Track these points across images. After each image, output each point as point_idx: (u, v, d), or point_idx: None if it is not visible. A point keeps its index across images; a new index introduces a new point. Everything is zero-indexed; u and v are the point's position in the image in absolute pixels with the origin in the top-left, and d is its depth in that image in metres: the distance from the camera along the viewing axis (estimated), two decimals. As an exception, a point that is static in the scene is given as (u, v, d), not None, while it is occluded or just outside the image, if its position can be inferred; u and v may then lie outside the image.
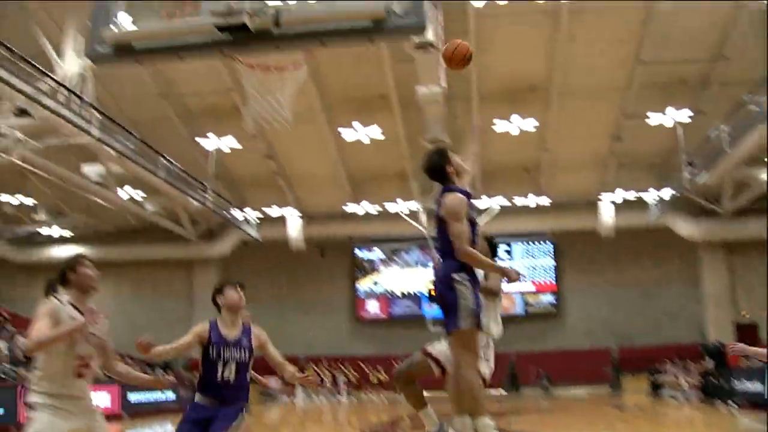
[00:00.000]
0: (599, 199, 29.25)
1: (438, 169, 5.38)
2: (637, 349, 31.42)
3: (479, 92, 23.24)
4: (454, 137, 23.25)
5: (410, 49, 16.11)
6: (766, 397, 17.91)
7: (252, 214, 29.93)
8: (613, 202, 29.04)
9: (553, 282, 33.86)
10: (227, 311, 5.70)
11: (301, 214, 30.45)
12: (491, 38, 21.13)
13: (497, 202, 27.73)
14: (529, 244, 33.98)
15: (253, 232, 30.16)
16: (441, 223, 5.24)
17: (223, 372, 5.38)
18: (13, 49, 15.81)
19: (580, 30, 20.62)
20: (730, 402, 19.90)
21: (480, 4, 17.66)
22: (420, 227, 28.41)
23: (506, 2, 17.59)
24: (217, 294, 5.74)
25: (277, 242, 31.37)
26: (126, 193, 25.01)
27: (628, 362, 31.10)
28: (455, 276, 5.15)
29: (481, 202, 27.79)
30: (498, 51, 21.65)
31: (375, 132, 23.40)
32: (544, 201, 28.43)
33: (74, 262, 5.01)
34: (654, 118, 23.20)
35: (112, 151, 20.01)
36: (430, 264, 33.54)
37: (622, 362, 31.12)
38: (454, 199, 5.27)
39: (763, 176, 23.50)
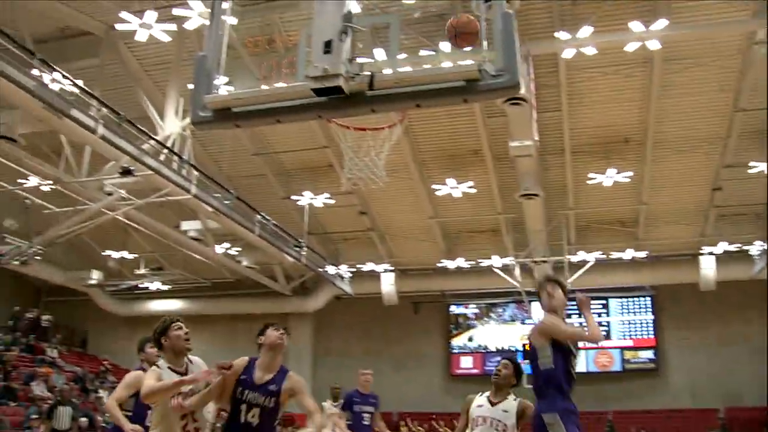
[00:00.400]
0: (700, 252, 28.27)
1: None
2: (747, 409, 29.97)
3: (572, 145, 23.06)
4: (547, 190, 23.09)
5: (502, 103, 16.19)
6: None
7: (345, 269, 30.16)
8: (714, 254, 28.01)
9: (652, 337, 32.84)
10: (266, 351, 5.51)
11: (394, 269, 30.53)
12: (583, 90, 21.01)
13: (593, 256, 27.21)
14: (626, 298, 33.18)
15: (347, 287, 30.41)
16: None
17: (246, 415, 5.25)
18: (119, 112, 16.56)
19: (675, 78, 20.28)
20: None
21: (569, 55, 17.58)
22: (514, 282, 28.09)
23: (596, 53, 17.43)
24: (259, 335, 5.61)
25: (370, 297, 31.48)
26: (222, 248, 25.60)
27: (737, 423, 29.70)
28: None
29: (576, 257, 27.32)
30: (590, 103, 21.50)
31: (468, 187, 23.39)
32: (642, 254, 27.72)
33: (165, 326, 5.29)
34: (756, 167, 22.44)
35: (209, 208, 20.58)
36: (526, 319, 33.11)
37: (729, 423, 29.76)
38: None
39: None
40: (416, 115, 20.98)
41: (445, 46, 16.71)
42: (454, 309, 34.74)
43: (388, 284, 30.68)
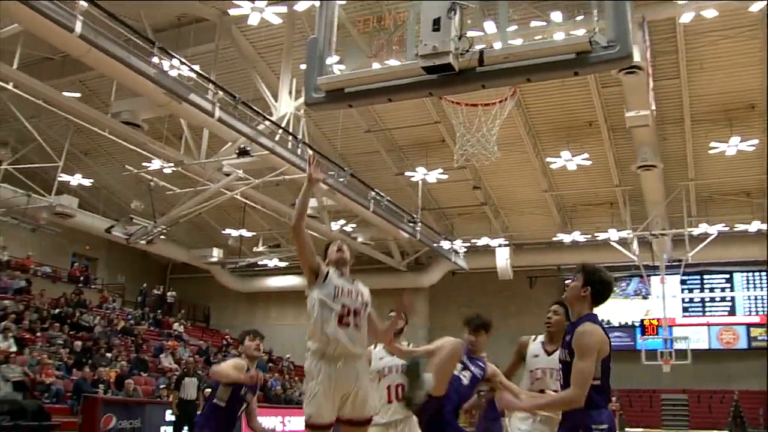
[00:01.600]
0: (831, 224, 26.88)
1: None
2: None
3: (692, 113, 22.28)
4: (665, 161, 22.42)
5: (617, 73, 15.80)
6: None
7: (460, 244, 30.15)
8: None
9: (786, 314, 31.49)
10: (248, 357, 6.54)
11: (509, 244, 30.34)
12: (703, 56, 20.22)
13: (715, 228, 26.26)
14: (752, 272, 31.92)
15: (461, 262, 30.39)
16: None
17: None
18: (235, 95, 17.05)
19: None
20: None
21: (687, 19, 16.97)
22: (632, 256, 27.43)
23: (716, 15, 16.76)
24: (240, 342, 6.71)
25: (485, 272, 31.39)
26: (337, 225, 26.04)
27: None
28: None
29: (698, 230, 26.44)
30: (711, 69, 20.67)
31: (583, 159, 22.95)
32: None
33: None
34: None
35: (324, 186, 20.95)
36: (649, 294, 32.39)
37: None
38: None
39: None
40: (529, 88, 20.71)
41: (556, 16, 16.47)
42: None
43: (503, 258, 30.50)
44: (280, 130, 18.71)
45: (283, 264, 31.79)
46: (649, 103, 17.75)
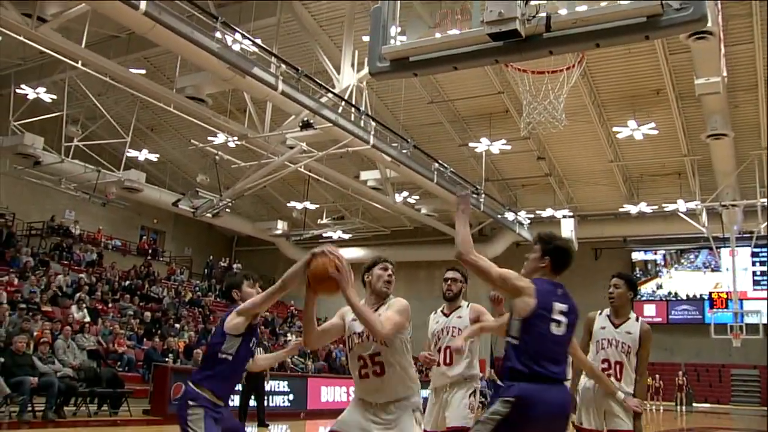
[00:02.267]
0: None
1: None
2: None
3: (766, 79, 21.56)
4: (737, 129, 21.79)
5: (686, 39, 15.36)
6: None
7: (524, 215, 29.90)
8: None
9: None
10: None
11: (573, 215, 29.96)
12: (780, 18, 19.53)
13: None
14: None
15: (525, 234, 30.13)
16: None
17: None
18: (298, 68, 17.09)
19: None
20: None
21: (765, -18, 16.42)
22: (701, 228, 26.81)
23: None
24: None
25: (552, 244, 31.07)
26: (401, 196, 26.03)
27: None
28: None
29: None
30: (788, 31, 19.97)
31: (650, 128, 22.45)
32: None
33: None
34: None
35: (387, 158, 20.93)
36: (719, 266, 31.75)
37: None
38: None
39: None
40: (593, 55, 20.29)
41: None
42: (636, 255, 33.83)
43: (567, 230, 30.07)
44: (343, 103, 18.72)
45: (347, 236, 31.96)
46: (720, 69, 17.19)
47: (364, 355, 4.57)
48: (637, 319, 5.98)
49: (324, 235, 31.63)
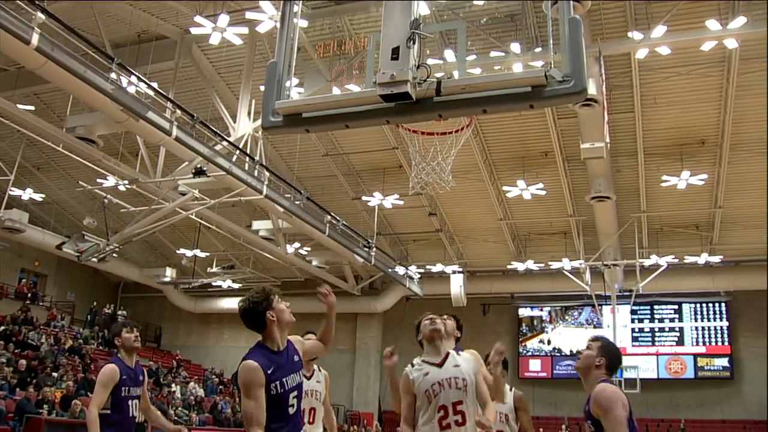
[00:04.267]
0: (778, 257, 27.47)
1: None
2: None
3: (645, 147, 22.69)
4: (619, 193, 22.77)
5: (573, 105, 16.05)
6: None
7: (414, 270, 30.25)
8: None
9: (727, 344, 32.10)
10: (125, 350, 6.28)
11: (463, 270, 30.50)
12: (657, 91, 20.62)
13: (666, 260, 26.71)
14: (700, 304, 32.51)
15: (416, 288, 30.48)
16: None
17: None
18: (193, 114, 16.97)
19: (754, 78, 19.74)
20: None
21: (642, 55, 17.33)
22: (584, 285, 27.76)
23: (670, 53, 17.12)
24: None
25: (440, 298, 31.45)
26: (293, 247, 25.95)
27: None
28: None
29: (649, 261, 26.88)
30: (664, 104, 21.09)
31: (538, 189, 23.22)
32: (717, 259, 27.03)
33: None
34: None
35: (280, 208, 20.89)
36: (601, 323, 32.74)
37: None
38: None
39: None
40: (486, 117, 20.94)
41: (515, 47, 16.69)
42: (523, 311, 34.60)
43: (457, 285, 30.65)
44: (238, 151, 18.65)
45: (236, 285, 31.58)
46: (603, 135, 18.03)
47: (446, 405, 4.77)
48: (510, 389, 6.39)
49: (213, 283, 31.17)
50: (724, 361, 32.03)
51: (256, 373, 3.83)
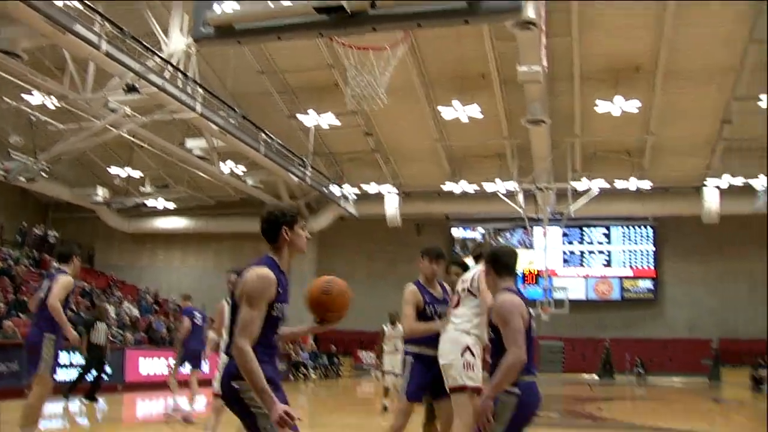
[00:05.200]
0: (704, 185, 28.24)
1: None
2: (740, 342, 30.49)
3: (581, 72, 22.83)
4: (554, 117, 22.94)
5: (511, 27, 15.97)
6: None
7: (350, 190, 30.24)
8: (719, 188, 27.89)
9: (653, 268, 33.18)
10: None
11: (398, 191, 30.62)
12: (595, 17, 20.70)
13: (597, 184, 27.23)
14: (628, 228, 33.41)
15: (351, 208, 30.53)
16: None
17: None
18: (124, 29, 16.42)
19: (691, 7, 19.94)
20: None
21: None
22: (517, 208, 28.16)
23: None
24: None
25: (374, 219, 31.65)
26: (227, 167, 25.66)
27: (730, 355, 30.23)
28: None
29: (581, 185, 27.37)
30: (602, 30, 21.19)
31: (474, 110, 23.23)
32: (646, 185, 27.64)
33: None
34: (766, 101, 22.09)
35: (214, 126, 20.57)
36: (533, 245, 33.36)
37: (723, 354, 30.24)
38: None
39: None
40: (423, 35, 20.76)
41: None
42: (457, 232, 35.04)
43: (392, 206, 30.83)
44: (170, 68, 18.19)
45: (171, 205, 31.21)
46: (541, 59, 18.03)
47: None
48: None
49: (147, 203, 30.74)
50: (648, 284, 33.21)
51: (271, 286, 3.69)
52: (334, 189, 29.04)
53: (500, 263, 4.45)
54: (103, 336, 14.35)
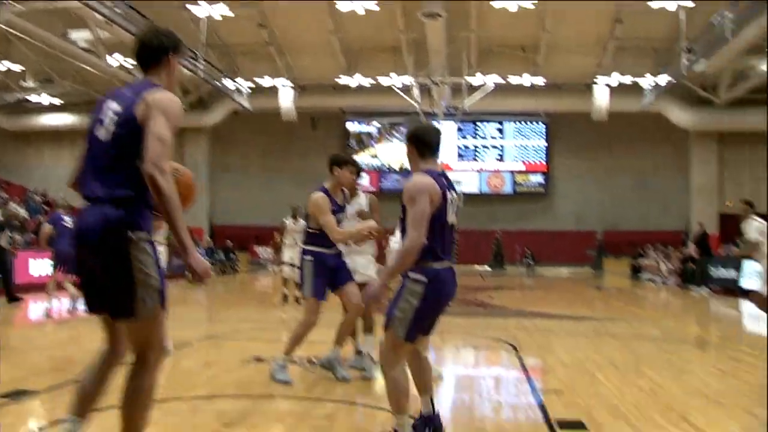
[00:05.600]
0: (594, 82, 28.86)
1: None
2: (622, 234, 31.95)
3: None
4: (450, 11, 22.74)
5: None
6: (738, 284, 18.35)
7: (244, 84, 29.54)
8: (609, 86, 28.60)
9: (544, 163, 34.03)
10: None
11: (293, 85, 30.09)
12: None
13: (491, 80, 27.42)
14: (521, 123, 34.00)
15: (245, 102, 29.88)
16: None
17: None
18: None
19: None
20: (705, 287, 20.23)
21: None
22: (413, 102, 28.17)
23: None
24: None
25: (269, 113, 31.13)
26: (116, 60, 24.59)
27: (612, 246, 31.65)
28: None
29: (476, 80, 27.49)
30: None
31: (370, 3, 22.78)
32: (540, 81, 28.02)
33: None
34: (656, 2, 22.44)
35: (99, 16, 19.56)
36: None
37: (606, 245, 31.59)
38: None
39: (763, 66, 23.09)
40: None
41: None
42: (352, 127, 34.90)
43: (287, 100, 30.33)
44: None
45: (57, 101, 29.84)
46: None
47: None
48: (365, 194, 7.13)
49: (30, 99, 29.30)
50: (539, 178, 34.15)
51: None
52: (228, 83, 28.30)
53: (422, 142, 4.26)
54: (5, 241, 14.09)
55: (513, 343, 8.77)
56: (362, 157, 34.60)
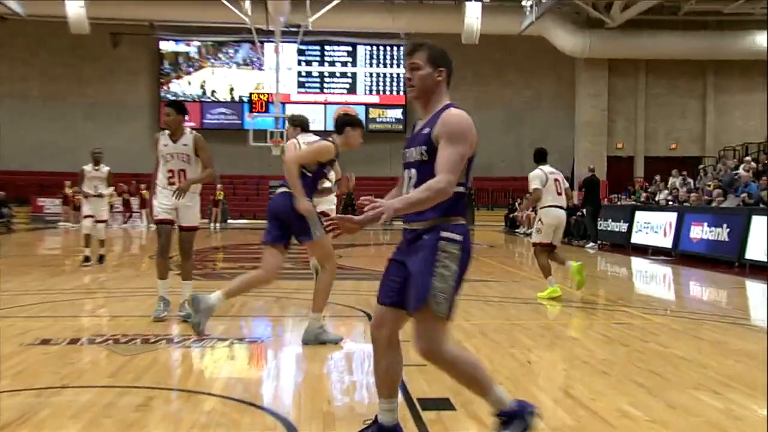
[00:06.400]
0: (465, -1, 29.07)
1: None
2: (495, 180, 32.69)
3: None
4: None
5: None
6: (628, 239, 19.37)
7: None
8: (483, 2, 28.82)
9: (402, 94, 34.15)
10: None
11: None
12: None
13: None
14: (377, 46, 34.07)
15: (16, 6, 28.12)
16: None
17: None
18: None
19: None
20: (592, 242, 21.15)
21: None
22: (243, 16, 27.63)
23: None
24: None
25: (50, 21, 29.79)
26: None
27: (484, 195, 32.39)
28: None
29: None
30: None
31: None
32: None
33: None
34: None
35: None
36: (262, 65, 33.14)
37: (477, 195, 32.30)
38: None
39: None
40: None
41: None
42: (166, 45, 34.04)
43: (75, 6, 28.65)
44: None
45: None
46: None
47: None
48: (191, 133, 8.42)
49: None
50: (398, 113, 34.37)
51: None
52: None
53: (452, 69, 4.31)
54: None
55: (367, 310, 8.92)
56: (179, 85, 33.90)
